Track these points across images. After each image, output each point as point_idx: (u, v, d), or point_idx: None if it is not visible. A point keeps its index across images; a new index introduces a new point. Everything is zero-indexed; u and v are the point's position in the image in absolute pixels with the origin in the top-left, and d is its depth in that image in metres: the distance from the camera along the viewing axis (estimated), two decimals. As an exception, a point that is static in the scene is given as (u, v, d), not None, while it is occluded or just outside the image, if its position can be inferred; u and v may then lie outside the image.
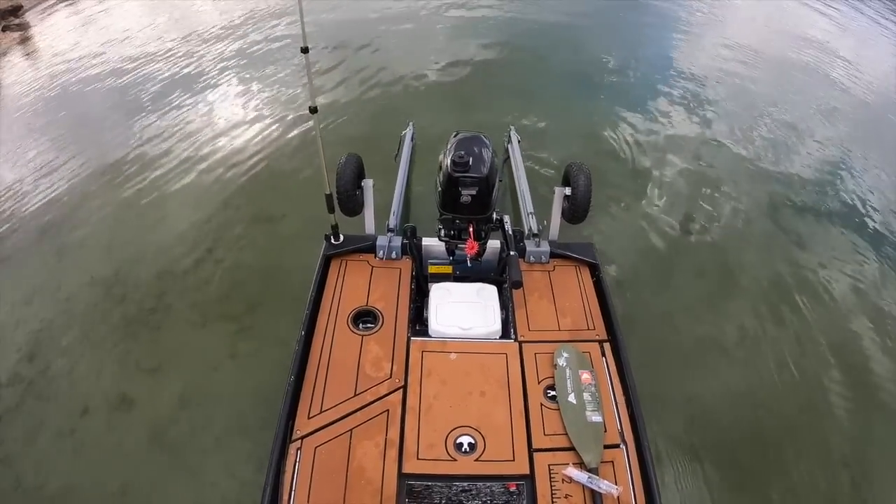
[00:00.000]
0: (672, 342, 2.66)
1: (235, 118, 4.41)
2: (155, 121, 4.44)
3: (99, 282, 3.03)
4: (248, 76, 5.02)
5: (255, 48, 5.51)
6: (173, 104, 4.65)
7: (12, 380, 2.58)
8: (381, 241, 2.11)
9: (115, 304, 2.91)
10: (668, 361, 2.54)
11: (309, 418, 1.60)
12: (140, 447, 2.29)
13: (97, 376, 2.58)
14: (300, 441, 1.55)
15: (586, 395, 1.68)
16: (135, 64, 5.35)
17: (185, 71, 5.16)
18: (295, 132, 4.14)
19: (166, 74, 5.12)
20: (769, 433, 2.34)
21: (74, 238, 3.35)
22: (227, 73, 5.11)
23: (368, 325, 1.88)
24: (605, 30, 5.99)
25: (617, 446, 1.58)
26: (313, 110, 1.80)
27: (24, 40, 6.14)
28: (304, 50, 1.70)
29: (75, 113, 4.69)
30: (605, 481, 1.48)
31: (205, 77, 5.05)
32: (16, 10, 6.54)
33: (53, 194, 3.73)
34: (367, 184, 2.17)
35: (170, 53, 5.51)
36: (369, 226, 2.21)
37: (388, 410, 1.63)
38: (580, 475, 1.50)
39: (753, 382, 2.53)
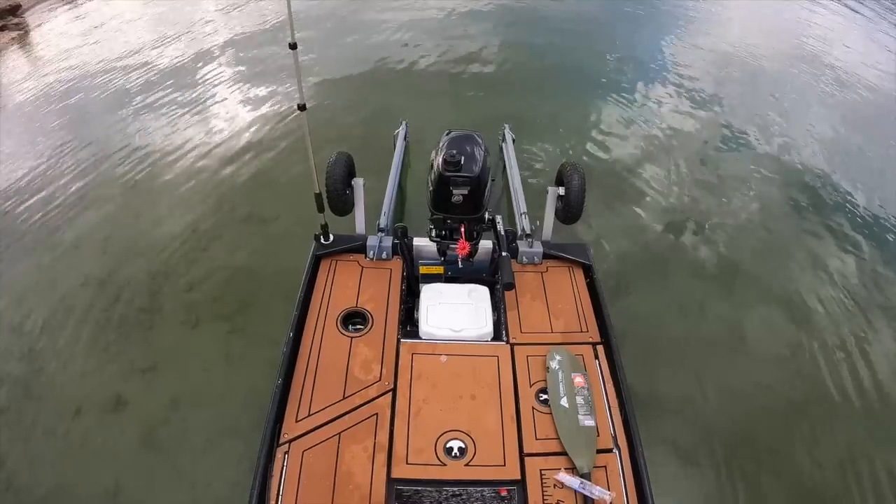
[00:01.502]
0: (669, 342, 2.59)
1: (230, 117, 4.35)
2: (149, 121, 4.38)
3: (92, 281, 2.97)
4: (243, 74, 4.96)
5: (251, 45, 5.44)
6: (168, 104, 4.58)
7: (5, 379, 2.53)
8: (372, 241, 2.04)
9: (109, 304, 2.85)
10: (665, 361, 2.48)
11: (297, 421, 1.55)
12: (132, 448, 2.25)
13: (90, 376, 2.53)
14: (288, 445, 1.49)
15: (579, 399, 1.63)
16: (131, 64, 5.27)
17: (181, 70, 5.09)
18: (288, 131, 4.08)
19: (161, 74, 5.05)
20: (768, 434, 2.28)
21: (68, 237, 3.29)
22: (223, 70, 5.05)
23: (358, 326, 1.82)
24: (603, 27, 5.88)
25: (610, 451, 1.53)
26: (302, 108, 1.73)
27: (23, 39, 6.06)
28: (293, 46, 1.62)
29: (71, 112, 4.62)
30: (598, 487, 1.43)
31: (201, 75, 4.99)
32: (14, 10, 6.44)
33: (47, 193, 3.67)
34: (358, 183, 2.10)
35: (166, 53, 5.44)
36: (360, 225, 2.15)
37: (377, 414, 1.57)
38: (572, 480, 1.45)
39: (752, 383, 2.47)
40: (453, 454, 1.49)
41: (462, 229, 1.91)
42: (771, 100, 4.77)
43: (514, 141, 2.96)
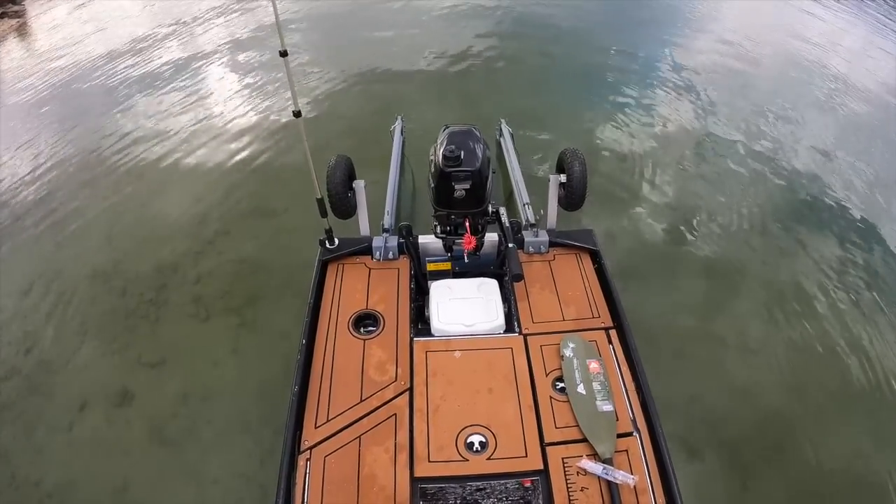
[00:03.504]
0: (673, 338, 2.39)
1: (235, 111, 4.06)
2: (154, 112, 4.10)
3: (98, 273, 2.76)
4: (249, 67, 4.62)
5: (257, 38, 5.08)
6: (173, 95, 4.29)
7: (9, 373, 2.33)
8: (377, 242, 1.93)
9: (115, 297, 2.64)
10: (669, 358, 2.30)
11: (316, 428, 1.44)
12: (140, 443, 2.08)
13: (96, 370, 2.34)
14: (309, 452, 1.40)
15: (595, 385, 1.53)
16: (134, 53, 4.96)
17: (185, 61, 4.77)
18: (294, 125, 3.66)
19: (165, 64, 4.73)
20: (772, 431, 2.12)
21: (73, 229, 3.06)
22: (228, 62, 4.71)
23: (370, 328, 1.72)
24: (605, 25, 5.49)
25: (630, 434, 1.44)
26: (297, 114, 1.64)
27: (22, 27, 5.76)
28: (283, 53, 1.51)
29: (73, 102, 4.33)
30: (621, 471, 1.34)
31: (206, 66, 4.67)
32: (14, -3, 6.13)
33: (51, 183, 3.41)
34: (359, 185, 1.98)
35: (170, 43, 5.12)
36: (364, 227, 2.03)
37: (395, 414, 1.47)
38: (595, 467, 1.35)
39: (756, 381, 2.28)
40: (474, 449, 1.40)
41: (466, 223, 1.79)
42: (776, 98, 4.38)
43: (511, 134, 2.74)
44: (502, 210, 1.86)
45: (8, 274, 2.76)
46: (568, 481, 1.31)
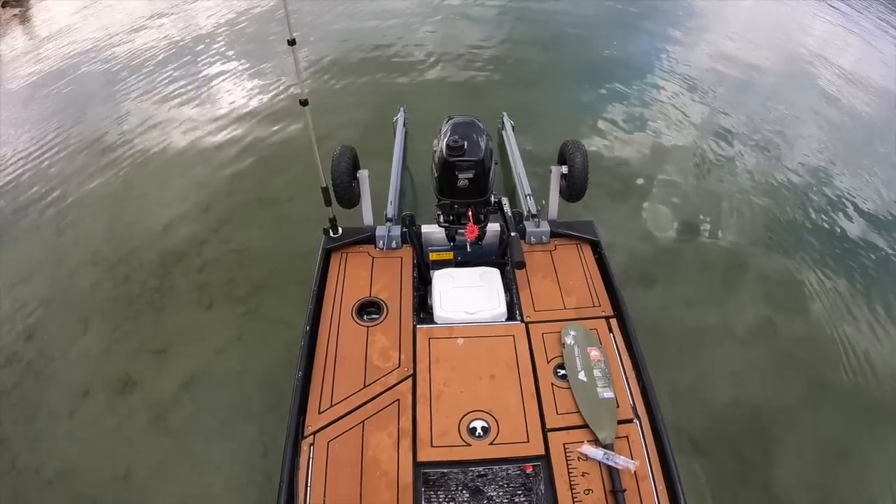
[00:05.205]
0: (675, 333, 2.30)
1: (240, 101, 3.94)
2: (156, 101, 3.98)
3: (101, 260, 2.68)
4: (253, 58, 4.47)
5: (261, 29, 4.92)
6: (175, 85, 4.16)
7: (10, 359, 2.25)
8: (381, 231, 1.89)
9: (118, 284, 2.56)
10: (669, 354, 2.19)
11: (320, 413, 1.41)
12: (143, 430, 2.01)
13: (99, 357, 2.26)
14: (312, 437, 1.36)
15: (596, 372, 1.51)
16: (137, 43, 4.82)
17: (189, 52, 4.64)
18: (299, 114, 3.64)
19: (169, 55, 4.59)
20: (770, 426, 2.04)
21: (75, 216, 2.97)
22: (232, 55, 4.55)
23: (373, 316, 1.69)
24: (606, 25, 5.25)
25: (631, 421, 1.41)
26: (304, 103, 1.59)
27: (24, 16, 5.63)
28: (291, 42, 1.49)
29: (75, 90, 4.21)
30: (622, 457, 1.31)
31: (209, 58, 4.53)
32: (16, -14, 5.95)
33: (52, 170, 3.31)
34: (363, 175, 1.94)
35: (172, 34, 4.97)
36: (367, 217, 1.99)
37: (398, 400, 1.44)
38: (596, 452, 1.33)
39: (755, 377, 2.20)
40: (477, 434, 1.36)
41: (469, 213, 1.76)
42: (776, 101, 4.16)
43: (513, 127, 2.67)
44: (504, 200, 1.84)
45: (9, 260, 2.66)
46: (569, 466, 1.29)
